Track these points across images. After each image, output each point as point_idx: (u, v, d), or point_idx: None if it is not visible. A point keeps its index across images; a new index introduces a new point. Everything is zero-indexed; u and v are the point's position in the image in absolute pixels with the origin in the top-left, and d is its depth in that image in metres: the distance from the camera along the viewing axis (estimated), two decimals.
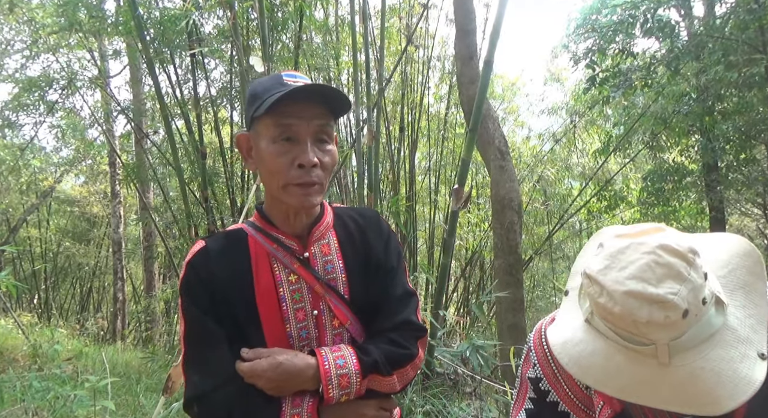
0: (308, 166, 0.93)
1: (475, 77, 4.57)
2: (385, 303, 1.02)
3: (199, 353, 0.95)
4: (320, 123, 0.95)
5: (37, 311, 9.98)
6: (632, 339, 0.72)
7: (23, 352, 4.30)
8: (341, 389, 0.93)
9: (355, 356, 0.95)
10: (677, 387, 0.70)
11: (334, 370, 0.93)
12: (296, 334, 0.97)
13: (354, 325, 1.01)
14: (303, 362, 0.93)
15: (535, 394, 0.97)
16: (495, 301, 5.39)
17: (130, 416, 3.19)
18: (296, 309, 0.98)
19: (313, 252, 1.01)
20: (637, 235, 0.76)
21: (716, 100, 6.45)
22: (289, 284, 0.98)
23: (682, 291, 0.69)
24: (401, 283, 1.05)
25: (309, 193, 0.94)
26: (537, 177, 9.71)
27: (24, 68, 8.33)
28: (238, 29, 4.79)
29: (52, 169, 11.29)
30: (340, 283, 1.01)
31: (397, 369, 0.98)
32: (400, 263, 1.07)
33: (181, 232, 6.62)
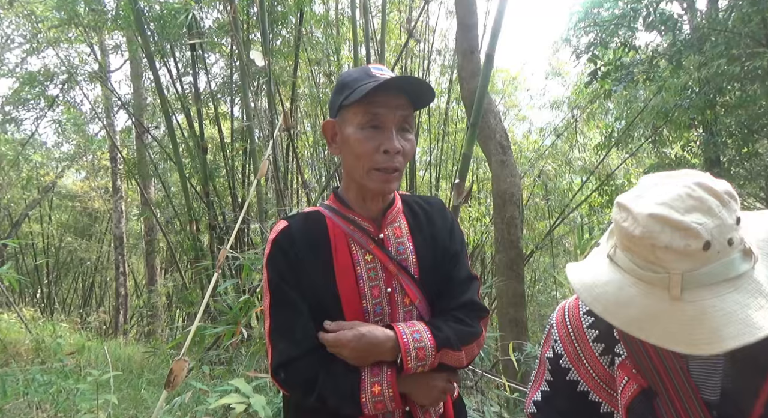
0: (393, 152, 0.99)
1: (476, 71, 4.55)
2: (451, 284, 1.09)
3: (285, 322, 1.02)
4: (404, 113, 1.01)
5: (40, 306, 10.02)
6: (648, 267, 0.71)
7: (26, 346, 4.32)
8: (419, 361, 0.98)
9: (429, 331, 1.01)
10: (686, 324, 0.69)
11: (412, 343, 0.98)
12: (372, 309, 1.04)
13: (422, 303, 1.07)
14: (384, 334, 0.99)
15: (552, 375, 0.96)
16: (496, 295, 5.40)
17: (132, 410, 3.21)
18: (372, 286, 1.05)
19: (386, 234, 1.08)
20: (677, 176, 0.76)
21: (718, 93, 6.42)
22: (366, 263, 1.05)
23: (708, 224, 0.68)
24: (464, 266, 1.12)
25: (389, 179, 1.02)
26: (538, 172, 9.70)
27: (24, 63, 8.32)
28: (239, 23, 4.77)
29: (54, 165, 11.30)
30: (411, 263, 1.07)
31: (465, 345, 1.04)
32: (464, 248, 1.15)
33: (182, 226, 6.63)
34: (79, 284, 12.72)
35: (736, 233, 0.70)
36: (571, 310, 0.95)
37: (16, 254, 10.04)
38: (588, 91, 8.50)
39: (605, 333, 0.90)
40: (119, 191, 9.76)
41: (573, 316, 0.94)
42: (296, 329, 1.01)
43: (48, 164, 11.16)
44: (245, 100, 4.56)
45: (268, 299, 1.04)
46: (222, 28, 5.75)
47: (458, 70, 5.16)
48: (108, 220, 11.65)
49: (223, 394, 2.31)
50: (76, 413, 2.56)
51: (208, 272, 4.61)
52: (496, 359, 3.58)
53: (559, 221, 8.82)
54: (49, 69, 7.33)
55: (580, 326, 0.93)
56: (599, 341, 0.90)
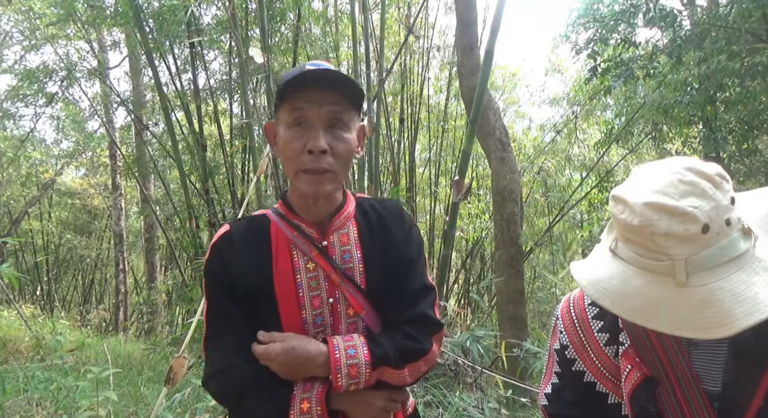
0: (316, 151, 0.93)
1: (476, 68, 4.54)
2: (402, 295, 1.02)
3: (219, 331, 0.99)
4: (333, 109, 0.94)
5: (40, 303, 10.03)
6: (650, 256, 0.71)
7: (26, 343, 4.33)
8: (350, 379, 0.93)
9: (367, 347, 0.95)
10: (694, 309, 0.69)
11: (345, 359, 0.93)
12: (311, 320, 0.98)
13: (370, 315, 1.01)
14: (315, 348, 0.94)
15: (560, 367, 0.96)
16: (496, 292, 5.40)
17: (132, 406, 3.22)
18: (312, 296, 0.99)
19: (331, 241, 1.02)
20: (667, 163, 0.76)
21: (718, 89, 6.41)
22: (307, 272, 1.00)
23: (704, 206, 0.69)
24: (420, 275, 1.04)
25: (319, 180, 0.95)
26: (537, 168, 9.69)
27: (23, 59, 8.30)
28: (237, 20, 4.76)
29: (53, 162, 11.29)
30: (357, 273, 1.01)
31: (409, 363, 0.97)
32: (420, 255, 1.06)
33: (182, 224, 6.63)
34: (79, 281, 12.73)
35: (732, 213, 0.70)
36: (576, 301, 0.95)
37: (16, 252, 10.05)
38: (588, 88, 8.48)
39: (610, 323, 0.91)
40: (119, 188, 9.75)
41: (578, 307, 0.95)
42: (229, 338, 0.97)
43: (47, 161, 11.16)
44: (244, 97, 4.55)
45: (206, 306, 1.01)
46: (221, 25, 5.73)
47: (458, 66, 5.15)
48: (108, 217, 11.65)
49: None
50: (76, 410, 2.57)
51: None
52: (496, 356, 3.59)
53: (559, 217, 8.83)
54: (48, 66, 7.31)
55: (585, 317, 0.93)
56: (604, 332, 0.91)
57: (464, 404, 2.69)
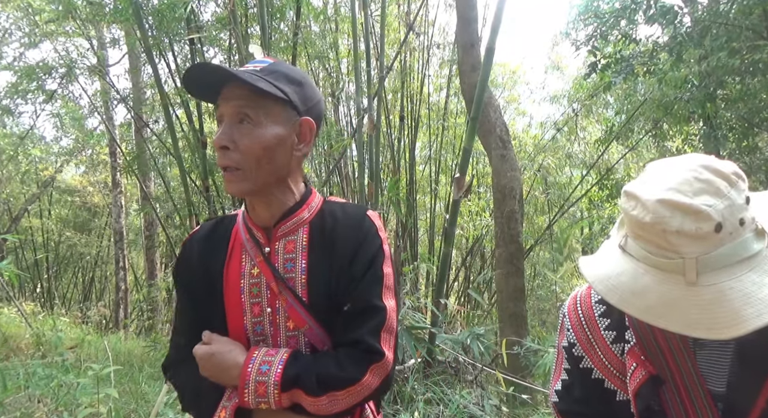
0: (216, 146, 0.90)
1: (477, 65, 4.53)
2: (343, 315, 0.93)
3: (179, 328, 1.04)
4: (238, 103, 0.90)
5: (40, 300, 10.04)
6: (661, 254, 0.71)
7: (26, 340, 4.33)
8: (257, 396, 0.88)
9: (282, 366, 0.89)
10: (704, 308, 0.68)
11: (254, 375, 0.88)
12: (251, 328, 0.95)
13: (313, 330, 0.94)
14: (232, 359, 0.91)
15: (569, 364, 0.96)
16: (496, 290, 5.41)
17: (132, 403, 3.22)
18: (253, 303, 0.96)
19: (276, 248, 0.96)
20: (682, 160, 0.75)
21: (718, 86, 6.40)
22: (250, 277, 0.96)
23: (718, 205, 0.68)
24: (366, 295, 0.93)
25: (229, 178, 0.90)
26: (538, 166, 9.68)
27: (22, 56, 8.28)
28: (237, 17, 4.74)
29: (53, 159, 11.28)
30: (299, 284, 0.94)
31: (329, 392, 0.88)
32: (372, 271, 0.94)
33: (182, 221, 6.63)
34: (79, 278, 12.73)
35: (746, 213, 0.69)
36: (583, 299, 0.95)
37: (16, 249, 10.05)
38: (588, 85, 8.46)
39: (617, 321, 0.90)
40: (119, 186, 9.75)
41: (585, 305, 0.94)
42: (182, 335, 1.01)
43: (47, 159, 11.14)
44: None
45: (175, 303, 1.07)
46: (220, 22, 5.71)
47: (458, 63, 5.14)
48: (107, 214, 11.64)
49: None
50: (76, 407, 2.57)
51: None
52: (496, 354, 3.60)
53: (559, 215, 8.83)
54: (47, 62, 7.29)
55: (591, 315, 0.93)
56: (611, 329, 0.90)
57: (465, 402, 2.69)
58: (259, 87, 0.88)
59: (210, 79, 0.91)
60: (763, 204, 0.78)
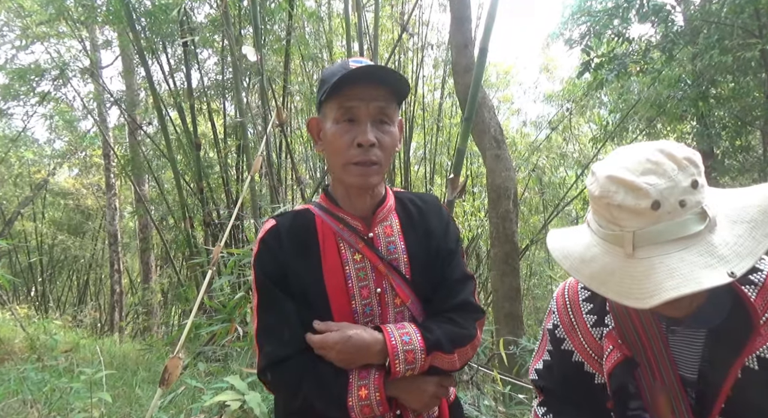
0: (366, 145, 0.97)
1: (471, 65, 4.53)
2: (445, 284, 1.05)
3: (272, 323, 1.02)
4: (380, 104, 0.98)
5: (34, 304, 9.97)
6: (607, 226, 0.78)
7: (20, 344, 4.29)
8: (407, 364, 0.95)
9: (420, 334, 0.98)
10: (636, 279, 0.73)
11: (401, 345, 0.96)
12: (361, 310, 1.02)
13: (414, 304, 1.04)
14: (371, 336, 0.96)
15: (552, 345, 1.02)
16: (492, 289, 5.41)
17: (126, 407, 3.20)
18: (361, 287, 1.02)
19: (376, 233, 1.05)
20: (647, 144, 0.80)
21: (711, 85, 6.44)
22: (355, 263, 1.03)
23: (660, 185, 0.73)
24: (460, 265, 1.08)
25: (367, 172, 0.99)
26: (532, 166, 9.71)
27: (14, 58, 8.21)
28: (230, 18, 4.73)
29: (46, 161, 11.20)
30: (402, 263, 1.04)
31: (458, 348, 1.00)
32: (459, 246, 1.11)
33: (176, 223, 6.59)
34: (74, 281, 12.66)
35: (691, 197, 0.73)
36: (571, 285, 1.01)
37: (9, 252, 9.98)
38: (581, 83, 8.49)
39: (598, 307, 0.96)
40: (113, 188, 9.69)
41: (571, 290, 1.00)
42: (283, 330, 1.00)
43: (40, 161, 11.07)
44: (238, 95, 4.53)
45: (256, 299, 1.03)
46: (213, 23, 5.69)
47: (452, 64, 5.14)
48: (102, 217, 11.58)
49: (218, 391, 2.30)
50: (70, 411, 2.55)
51: (203, 269, 4.59)
52: (492, 353, 3.59)
53: (554, 214, 8.85)
54: (40, 64, 7.24)
55: (576, 299, 0.99)
56: (592, 314, 0.96)
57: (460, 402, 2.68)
58: (406, 90, 1.01)
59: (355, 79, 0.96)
60: (729, 196, 0.81)
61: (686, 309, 0.80)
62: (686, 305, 0.80)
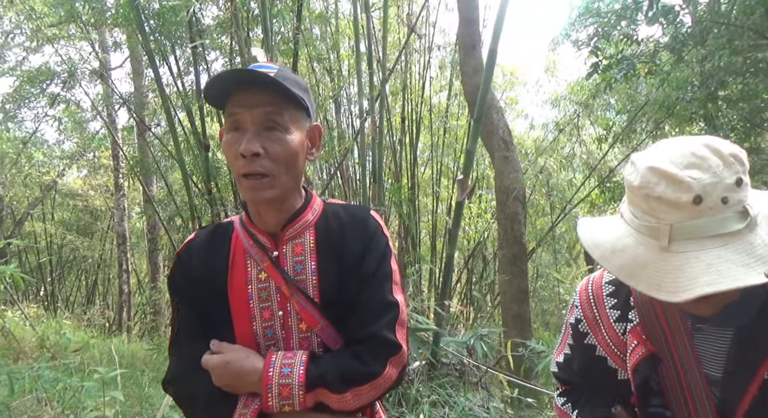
0: (247, 155, 0.88)
1: (479, 67, 4.54)
2: (357, 312, 0.95)
3: (177, 339, 1.01)
4: (266, 110, 0.90)
5: (43, 303, 10.06)
6: (643, 218, 0.76)
7: (31, 343, 4.34)
8: (282, 400, 0.89)
9: (304, 367, 0.90)
10: (669, 273, 0.72)
11: (277, 378, 0.89)
12: (261, 333, 0.96)
13: (326, 330, 0.96)
14: (250, 365, 0.91)
15: (573, 339, 1.01)
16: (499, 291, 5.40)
17: (137, 406, 3.22)
18: (262, 308, 0.96)
19: (284, 251, 0.97)
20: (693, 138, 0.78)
21: (720, 86, 6.39)
22: (258, 282, 0.97)
23: (704, 180, 0.71)
24: (379, 291, 0.95)
25: (257, 185, 0.90)
26: (540, 168, 9.68)
27: (25, 61, 8.30)
28: (239, 19, 4.75)
29: (55, 162, 11.31)
30: (310, 285, 0.96)
31: (352, 387, 0.90)
32: (382, 268, 0.97)
33: (184, 224, 6.63)
34: (83, 281, 12.76)
35: (734, 194, 0.72)
36: (595, 280, 1.00)
37: (20, 252, 10.08)
38: (589, 85, 8.46)
39: (622, 302, 0.95)
40: (121, 189, 9.76)
41: (595, 284, 0.99)
42: (186, 347, 0.98)
43: (50, 162, 11.17)
44: None
45: (172, 313, 1.03)
46: (222, 25, 5.72)
47: (460, 65, 5.15)
48: (110, 218, 11.67)
49: None
50: (82, 410, 2.58)
51: None
52: (500, 356, 3.59)
53: (562, 217, 8.82)
54: (50, 67, 7.32)
55: (600, 294, 0.97)
56: (616, 309, 0.95)
57: (470, 404, 2.69)
58: (293, 93, 0.90)
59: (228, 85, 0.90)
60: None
61: (715, 307, 0.79)
62: (716, 303, 0.78)
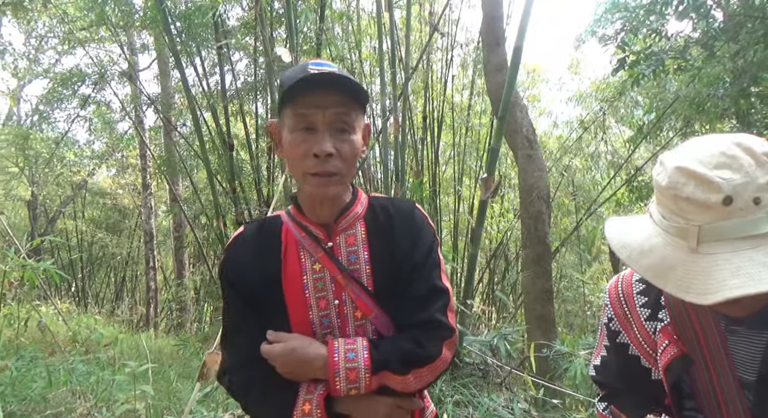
0: (322, 156, 0.92)
1: (502, 64, 4.49)
2: (411, 299, 0.99)
3: (231, 332, 1.03)
4: (338, 111, 0.93)
5: (75, 299, 10.38)
6: (672, 218, 0.75)
7: (64, 338, 4.48)
8: (349, 383, 0.92)
9: (368, 351, 0.93)
10: (698, 274, 0.71)
11: (343, 363, 0.92)
12: (318, 321, 0.99)
13: (379, 317, 1.00)
14: (315, 351, 0.94)
15: (608, 340, 1.00)
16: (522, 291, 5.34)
17: (165, 400, 3.30)
18: (318, 297, 0.99)
19: (337, 242, 1.01)
20: (723, 137, 0.77)
21: (753, 82, 6.17)
22: (313, 272, 1.00)
23: (735, 180, 0.69)
24: (429, 279, 1.01)
25: (326, 183, 0.94)
26: (564, 167, 9.52)
27: (57, 63, 8.58)
28: (264, 19, 4.81)
29: (86, 162, 11.65)
30: (364, 274, 1.00)
31: (414, 369, 0.95)
32: (431, 258, 1.02)
33: (209, 222, 6.76)
34: (111, 278, 13.12)
35: (766, 194, 0.70)
36: (625, 278, 0.99)
37: (52, 249, 10.41)
38: (615, 82, 8.28)
39: (653, 301, 0.94)
40: (149, 188, 10.00)
41: (625, 283, 0.98)
42: (241, 338, 1.01)
43: (80, 162, 11.52)
44: (271, 96, 4.60)
45: (223, 306, 1.05)
46: (246, 26, 5.80)
47: (483, 63, 5.10)
48: (138, 216, 11.96)
49: None
50: (113, 403, 2.65)
51: None
52: (524, 356, 3.55)
53: (587, 216, 8.66)
54: (81, 69, 7.54)
55: (630, 292, 0.96)
56: (646, 307, 0.94)
57: (494, 404, 2.66)
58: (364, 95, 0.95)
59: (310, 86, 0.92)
60: None
61: (748, 309, 0.78)
62: (749, 305, 0.77)
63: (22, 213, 11.65)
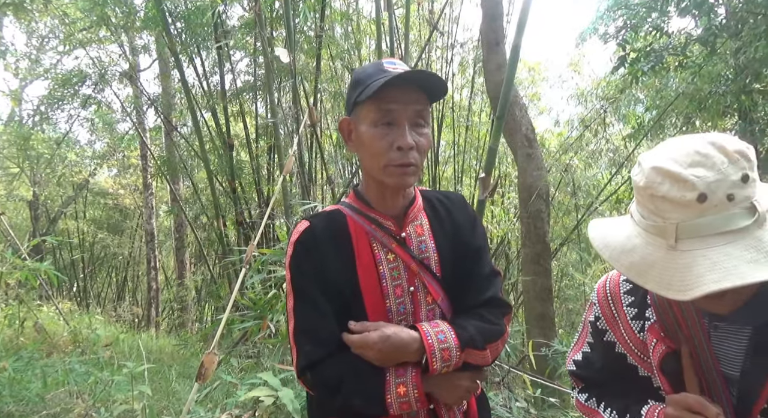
0: (406, 148, 0.99)
1: (502, 63, 4.48)
2: (474, 281, 1.09)
3: (309, 323, 1.04)
4: (417, 108, 1.01)
5: (76, 299, 10.40)
6: (650, 217, 0.77)
7: (64, 338, 4.49)
8: (443, 362, 0.98)
9: (453, 331, 1.01)
10: (677, 271, 0.72)
11: (437, 344, 0.99)
12: (395, 309, 1.05)
13: (444, 301, 1.07)
14: (409, 335, 0.99)
15: (593, 337, 1.03)
16: (523, 290, 5.33)
17: (164, 401, 3.30)
18: (395, 285, 1.05)
19: (408, 232, 1.08)
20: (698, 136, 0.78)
21: (755, 79, 6.14)
22: (388, 262, 1.06)
23: (708, 178, 0.71)
24: (487, 262, 1.12)
25: (406, 173, 1.01)
26: (564, 166, 9.49)
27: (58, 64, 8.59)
28: (264, 19, 4.81)
29: (87, 162, 11.68)
30: (433, 262, 1.07)
31: (490, 343, 1.04)
32: (485, 244, 1.14)
33: (209, 222, 6.76)
34: (113, 278, 13.14)
35: (740, 191, 0.72)
36: (613, 277, 1.02)
37: (54, 249, 10.44)
38: (616, 80, 8.25)
39: (639, 300, 0.96)
40: (149, 188, 10.01)
41: (613, 282, 1.01)
42: (321, 329, 1.02)
43: (82, 162, 11.54)
44: (270, 96, 4.60)
45: (292, 300, 1.05)
46: (246, 26, 5.80)
47: (483, 62, 5.09)
48: (139, 216, 11.99)
49: (252, 387, 2.35)
50: (112, 403, 2.65)
51: (235, 267, 4.69)
52: (523, 355, 3.54)
53: (587, 214, 8.63)
54: (82, 70, 7.55)
55: (617, 292, 0.99)
56: (633, 306, 0.96)
57: (492, 403, 2.66)
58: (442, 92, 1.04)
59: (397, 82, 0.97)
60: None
61: (730, 305, 0.79)
62: (730, 301, 0.78)
63: (24, 213, 11.68)
